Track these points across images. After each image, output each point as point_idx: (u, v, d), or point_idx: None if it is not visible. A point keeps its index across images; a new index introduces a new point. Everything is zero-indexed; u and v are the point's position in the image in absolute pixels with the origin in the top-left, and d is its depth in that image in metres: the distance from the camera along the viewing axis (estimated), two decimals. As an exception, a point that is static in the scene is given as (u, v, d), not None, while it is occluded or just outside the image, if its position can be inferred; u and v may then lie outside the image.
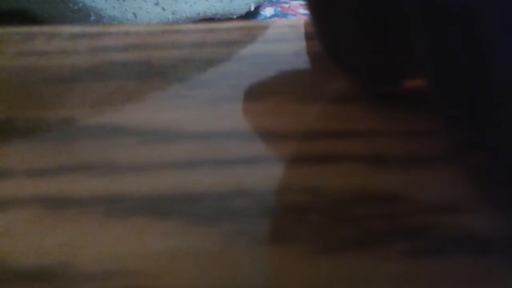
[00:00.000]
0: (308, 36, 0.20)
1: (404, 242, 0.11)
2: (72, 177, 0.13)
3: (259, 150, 0.14)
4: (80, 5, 0.51)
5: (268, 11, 0.67)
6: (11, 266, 0.11)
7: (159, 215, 0.12)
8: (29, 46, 0.19)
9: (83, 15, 0.51)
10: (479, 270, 0.11)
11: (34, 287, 0.10)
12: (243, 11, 0.61)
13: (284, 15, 0.66)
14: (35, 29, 0.20)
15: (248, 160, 0.14)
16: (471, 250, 0.11)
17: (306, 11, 0.15)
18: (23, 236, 0.11)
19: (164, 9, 0.55)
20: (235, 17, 0.60)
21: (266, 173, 0.13)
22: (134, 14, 0.53)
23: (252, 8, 0.62)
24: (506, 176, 0.10)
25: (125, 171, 0.13)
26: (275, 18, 0.65)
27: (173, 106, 0.16)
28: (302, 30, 0.20)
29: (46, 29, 0.20)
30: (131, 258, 0.11)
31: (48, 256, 0.11)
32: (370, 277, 0.11)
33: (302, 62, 0.18)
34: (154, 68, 0.17)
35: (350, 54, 0.14)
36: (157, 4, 0.54)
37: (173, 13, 0.55)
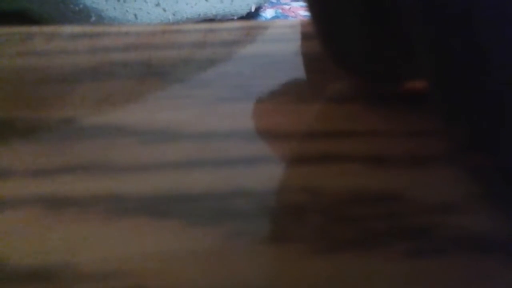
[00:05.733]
0: (304, 36, 0.20)
1: (404, 242, 0.11)
2: (72, 177, 0.13)
3: (259, 150, 0.14)
4: (81, 5, 0.51)
5: (268, 12, 0.67)
6: (11, 266, 0.11)
7: (159, 215, 0.12)
8: (29, 46, 0.19)
9: (84, 16, 0.51)
10: (479, 270, 0.11)
11: (34, 287, 0.10)
12: (243, 12, 0.61)
13: (285, 17, 0.66)
14: (35, 29, 0.20)
15: (248, 160, 0.14)
16: (471, 250, 0.11)
17: (307, 13, 0.15)
18: (23, 236, 0.11)
19: (165, 10, 0.55)
20: (235, 18, 0.60)
21: (266, 173, 0.13)
22: (135, 15, 0.53)
23: (253, 9, 0.62)
24: (506, 176, 0.10)
25: (125, 171, 0.13)
26: (276, 19, 0.65)
27: (173, 106, 0.16)
28: (302, 30, 0.20)
29: (46, 29, 0.20)
30: (131, 258, 0.11)
31: (48, 256, 0.11)
32: (370, 277, 0.11)
33: (302, 62, 0.18)
34: (154, 68, 0.17)
35: (350, 55, 0.14)
36: (158, 5, 0.54)
37: (174, 14, 0.55)
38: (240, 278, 0.11)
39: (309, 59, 0.18)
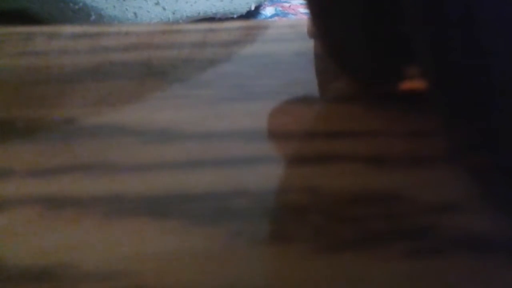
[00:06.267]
0: (305, 36, 0.20)
1: (404, 242, 0.11)
2: (72, 177, 0.13)
3: (259, 150, 0.14)
4: (81, 4, 0.51)
5: (268, 10, 0.67)
6: (11, 266, 0.11)
7: (159, 215, 0.12)
8: (29, 46, 0.19)
9: (84, 15, 0.51)
10: (479, 270, 0.11)
11: (34, 287, 0.10)
12: (243, 10, 0.61)
13: (285, 14, 0.66)
14: (35, 29, 0.20)
15: (248, 160, 0.14)
16: (471, 250, 0.11)
17: (307, 11, 0.15)
18: (23, 236, 0.11)
19: (164, 9, 0.55)
20: (235, 16, 0.60)
21: (266, 173, 0.13)
22: (135, 13, 0.53)
23: (253, 8, 0.62)
24: (506, 176, 0.10)
25: (125, 171, 0.13)
26: (276, 17, 0.65)
27: (173, 106, 0.16)
28: (302, 30, 0.20)
29: (46, 29, 0.20)
30: (131, 258, 0.11)
31: (48, 256, 0.11)
32: (370, 277, 0.11)
33: (302, 62, 0.18)
34: (154, 68, 0.17)
35: (350, 54, 0.14)
36: (157, 3, 0.54)
37: (173, 13, 0.55)
38: (240, 278, 0.11)
39: (309, 59, 0.18)
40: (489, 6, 0.09)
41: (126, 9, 0.53)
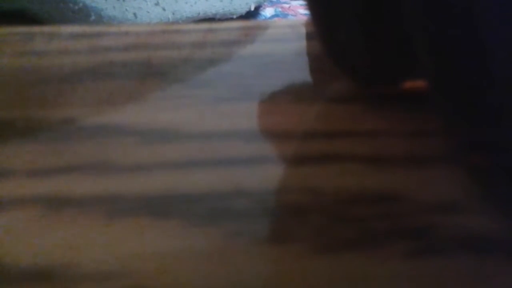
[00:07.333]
0: (309, 36, 0.20)
1: (404, 242, 0.11)
2: (72, 177, 0.13)
3: (259, 150, 0.14)
4: (81, 5, 0.51)
5: (268, 11, 0.67)
6: (11, 266, 0.11)
7: (159, 215, 0.12)
8: (29, 46, 0.19)
9: (83, 15, 0.51)
10: (479, 270, 0.11)
11: (34, 287, 0.10)
12: (243, 11, 0.61)
13: (285, 15, 0.66)
14: (35, 29, 0.20)
15: (248, 160, 0.14)
16: (471, 250, 0.11)
17: (306, 11, 0.15)
18: (23, 236, 0.11)
19: (164, 9, 0.55)
20: (235, 17, 0.60)
21: (266, 173, 0.13)
22: (134, 14, 0.53)
23: (252, 8, 0.62)
24: (506, 176, 0.10)
25: (125, 171, 0.13)
26: (276, 18, 0.65)
27: (173, 106, 0.16)
28: (302, 30, 0.20)
29: (46, 29, 0.20)
30: (131, 258, 0.11)
31: (48, 256, 0.11)
32: (370, 277, 0.11)
33: (302, 62, 0.18)
34: (154, 68, 0.17)
35: (350, 54, 0.14)
36: (157, 4, 0.54)
37: (173, 13, 0.55)
38: (240, 278, 0.11)
39: (309, 59, 0.18)
40: (490, 5, 0.09)
41: (126, 10, 0.53)
